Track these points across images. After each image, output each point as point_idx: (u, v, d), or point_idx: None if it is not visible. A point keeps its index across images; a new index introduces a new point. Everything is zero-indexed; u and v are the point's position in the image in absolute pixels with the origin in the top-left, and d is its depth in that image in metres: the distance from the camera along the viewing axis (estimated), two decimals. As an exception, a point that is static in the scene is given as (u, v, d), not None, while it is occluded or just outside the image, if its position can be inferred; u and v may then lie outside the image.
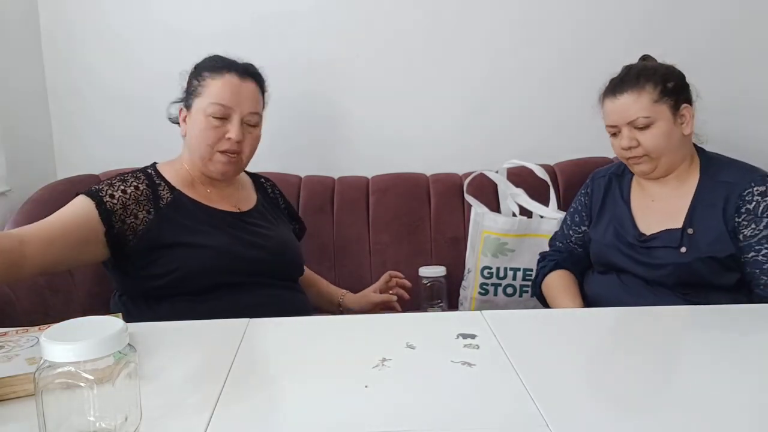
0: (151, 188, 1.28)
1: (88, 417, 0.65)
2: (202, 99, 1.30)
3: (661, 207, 1.41)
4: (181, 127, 1.35)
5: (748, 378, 0.82)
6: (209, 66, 1.34)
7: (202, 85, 1.32)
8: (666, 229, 1.36)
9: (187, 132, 1.33)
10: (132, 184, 1.27)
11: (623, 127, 1.37)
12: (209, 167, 1.32)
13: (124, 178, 1.28)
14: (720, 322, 1.07)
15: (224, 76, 1.31)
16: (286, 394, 0.79)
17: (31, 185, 1.72)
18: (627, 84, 1.37)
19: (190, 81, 1.35)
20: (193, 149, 1.33)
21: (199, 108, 1.30)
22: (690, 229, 1.34)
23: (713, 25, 1.94)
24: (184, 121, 1.34)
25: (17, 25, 1.76)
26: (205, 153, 1.30)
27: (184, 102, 1.35)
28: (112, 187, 1.24)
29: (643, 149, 1.36)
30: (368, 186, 1.86)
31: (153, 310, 1.24)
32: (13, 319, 1.24)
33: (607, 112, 1.42)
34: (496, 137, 1.95)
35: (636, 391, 0.79)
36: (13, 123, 1.70)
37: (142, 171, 1.33)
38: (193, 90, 1.33)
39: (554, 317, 1.12)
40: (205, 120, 1.29)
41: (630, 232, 1.41)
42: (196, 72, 1.35)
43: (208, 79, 1.32)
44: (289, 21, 1.87)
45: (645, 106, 1.35)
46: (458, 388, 0.80)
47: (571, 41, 1.92)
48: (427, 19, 1.90)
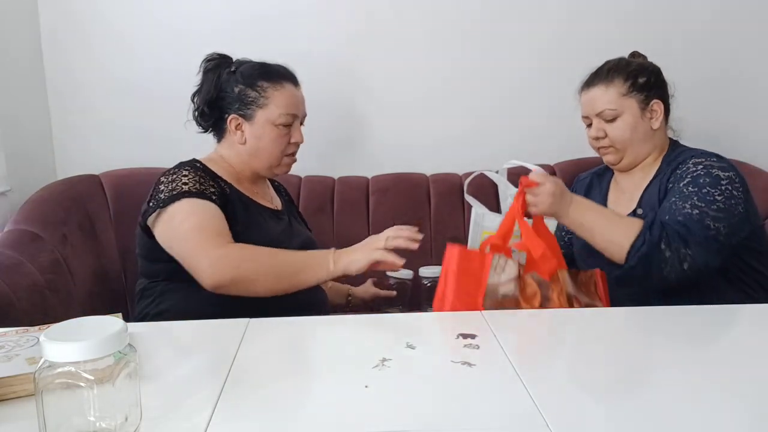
0: (212, 179, 1.32)
1: (88, 417, 0.64)
2: (269, 110, 1.37)
3: (628, 197, 1.47)
4: (235, 135, 1.39)
5: (751, 378, 0.82)
6: (263, 75, 1.38)
7: (265, 97, 1.37)
8: (627, 214, 1.40)
9: (248, 140, 1.38)
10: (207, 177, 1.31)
11: (593, 118, 1.45)
12: (275, 171, 1.42)
13: (198, 174, 1.31)
14: (721, 321, 1.07)
15: (284, 86, 1.39)
16: (286, 394, 0.79)
17: (31, 185, 1.72)
18: (598, 77, 1.45)
19: (244, 91, 1.37)
20: (260, 156, 1.39)
21: (267, 119, 1.37)
22: (639, 209, 1.41)
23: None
24: (238, 129, 1.38)
25: (17, 25, 1.76)
26: (275, 160, 1.40)
27: (237, 111, 1.37)
28: (202, 184, 1.28)
29: (609, 140, 1.44)
30: (368, 186, 1.86)
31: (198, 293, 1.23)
32: (13, 319, 1.24)
33: (581, 104, 1.50)
34: (496, 137, 1.95)
35: (636, 391, 0.79)
36: (13, 123, 1.70)
37: (191, 165, 1.34)
38: (253, 101, 1.37)
39: (554, 317, 1.12)
40: (276, 130, 1.37)
41: None
42: (249, 81, 1.37)
43: (270, 90, 1.37)
44: (290, 20, 1.87)
45: (612, 99, 1.42)
46: (458, 388, 0.80)
47: (571, 41, 1.92)
48: (428, 19, 1.90)
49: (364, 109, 1.94)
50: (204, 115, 1.41)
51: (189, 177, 1.29)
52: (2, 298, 1.26)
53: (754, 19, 1.94)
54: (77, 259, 1.58)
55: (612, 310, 1.20)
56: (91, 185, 1.76)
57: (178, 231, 1.25)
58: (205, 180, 1.30)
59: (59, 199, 1.67)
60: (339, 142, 1.95)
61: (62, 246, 1.56)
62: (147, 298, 1.34)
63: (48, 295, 1.41)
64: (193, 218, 1.24)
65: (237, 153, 1.40)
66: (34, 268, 1.41)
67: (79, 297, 1.54)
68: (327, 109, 1.92)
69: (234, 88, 1.38)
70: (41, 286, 1.40)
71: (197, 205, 1.25)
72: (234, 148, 1.41)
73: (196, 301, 1.23)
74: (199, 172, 1.32)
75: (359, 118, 1.94)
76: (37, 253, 1.47)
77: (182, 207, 1.25)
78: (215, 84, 1.39)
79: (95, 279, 1.63)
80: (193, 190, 1.26)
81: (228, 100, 1.39)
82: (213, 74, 1.40)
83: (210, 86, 1.39)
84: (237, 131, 1.39)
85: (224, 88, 1.39)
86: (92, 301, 1.58)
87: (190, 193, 1.25)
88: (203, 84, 1.41)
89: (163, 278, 1.33)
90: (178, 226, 1.24)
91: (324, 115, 1.92)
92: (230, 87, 1.39)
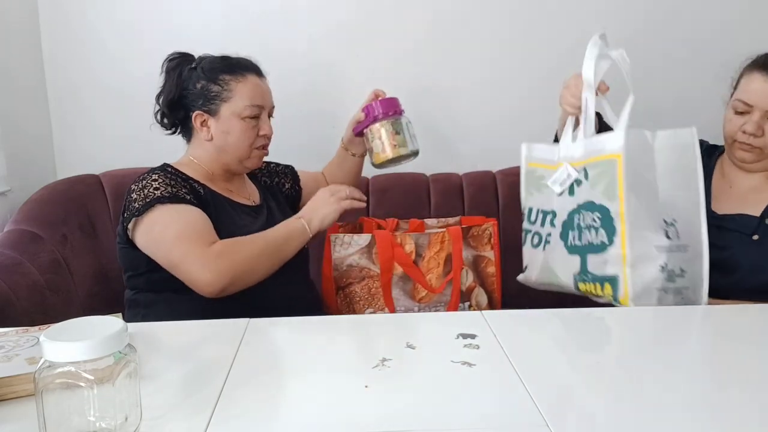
0: (184, 182, 1.31)
1: (88, 417, 0.65)
2: (234, 103, 1.34)
3: (738, 194, 1.36)
4: (201, 132, 1.36)
5: (753, 378, 0.82)
6: (225, 68, 1.35)
7: (228, 90, 1.34)
8: (741, 213, 1.32)
9: (215, 136, 1.35)
10: (178, 180, 1.30)
11: (757, 111, 1.28)
12: (245, 164, 1.39)
13: (169, 177, 1.29)
14: (721, 321, 1.07)
15: (248, 77, 1.36)
16: (286, 394, 0.79)
17: (31, 185, 1.72)
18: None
19: (207, 86, 1.34)
20: (229, 151, 1.36)
21: (233, 112, 1.34)
22: (767, 219, 1.29)
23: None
24: (204, 125, 1.36)
25: (17, 25, 1.76)
26: (245, 153, 1.37)
27: (201, 107, 1.35)
28: (174, 187, 1.26)
29: (763, 141, 1.29)
30: (368, 186, 1.86)
31: (178, 302, 1.24)
32: (13, 319, 1.24)
33: (750, 88, 1.30)
34: (496, 137, 1.95)
35: (636, 391, 0.79)
36: (13, 123, 1.70)
37: (162, 170, 1.33)
38: (216, 95, 1.34)
39: (554, 317, 1.12)
40: (242, 123, 1.34)
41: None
42: (211, 76, 1.34)
43: (233, 82, 1.34)
44: (290, 20, 1.87)
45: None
46: (458, 388, 0.80)
47: (570, 41, 1.92)
48: (428, 19, 1.90)
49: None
50: (165, 115, 1.39)
51: (159, 182, 1.26)
52: (2, 298, 1.26)
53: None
54: (77, 259, 1.58)
55: (612, 310, 1.20)
56: (91, 185, 1.76)
57: (160, 242, 1.23)
58: (176, 182, 1.28)
59: (59, 199, 1.67)
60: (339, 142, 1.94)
61: (62, 246, 1.56)
62: (133, 308, 1.33)
63: (48, 295, 1.41)
64: (172, 226, 1.21)
65: (206, 151, 1.38)
66: (34, 268, 1.41)
67: (79, 297, 1.54)
68: (326, 109, 1.92)
69: (196, 84, 1.35)
70: (41, 286, 1.40)
71: (173, 211, 1.23)
72: (202, 147, 1.38)
73: (181, 311, 1.17)
74: (168, 175, 1.29)
75: (359, 118, 1.94)
76: (37, 253, 1.47)
77: (159, 215, 1.23)
78: (176, 83, 1.36)
79: (95, 279, 1.63)
80: (165, 195, 1.24)
81: (191, 97, 1.35)
82: (174, 73, 1.37)
83: (172, 85, 1.37)
84: (203, 128, 1.35)
85: (186, 85, 1.36)
86: (92, 301, 1.58)
87: (162, 198, 1.23)
88: (165, 84, 1.39)
89: (147, 289, 1.31)
90: (160, 237, 1.22)
91: (324, 115, 1.92)
92: (192, 84, 1.35)
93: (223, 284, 1.17)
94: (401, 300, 1.35)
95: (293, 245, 1.27)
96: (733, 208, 1.34)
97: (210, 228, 1.24)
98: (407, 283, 1.35)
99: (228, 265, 1.18)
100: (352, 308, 1.37)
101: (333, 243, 1.36)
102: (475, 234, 1.41)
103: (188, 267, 1.19)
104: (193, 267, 1.18)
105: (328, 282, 1.38)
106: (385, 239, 1.33)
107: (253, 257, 1.21)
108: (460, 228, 1.38)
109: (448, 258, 1.36)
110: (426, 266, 1.35)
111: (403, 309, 1.35)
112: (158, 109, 1.40)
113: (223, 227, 1.28)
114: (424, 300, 1.35)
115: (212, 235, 1.23)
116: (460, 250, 1.36)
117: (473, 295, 1.41)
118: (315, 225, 1.28)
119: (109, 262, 1.69)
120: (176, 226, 1.21)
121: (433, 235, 1.36)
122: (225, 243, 1.21)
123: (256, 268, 1.22)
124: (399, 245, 1.34)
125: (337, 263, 1.36)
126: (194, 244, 1.19)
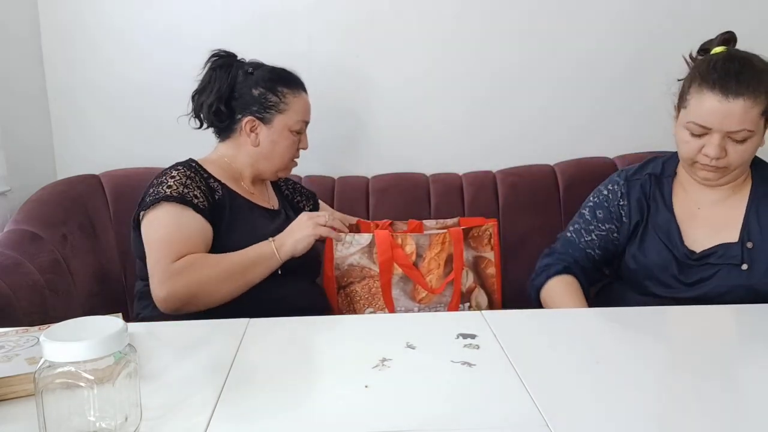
0: (204, 181, 1.32)
1: (88, 417, 0.65)
2: (288, 116, 1.39)
3: (708, 216, 1.26)
4: (248, 137, 1.39)
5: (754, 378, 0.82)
6: (283, 81, 1.40)
7: (285, 103, 1.39)
8: (721, 244, 1.22)
9: (263, 143, 1.39)
10: (196, 179, 1.30)
11: (716, 133, 1.17)
12: (278, 174, 1.45)
13: (188, 175, 1.30)
14: (723, 321, 1.07)
15: (301, 94, 1.42)
16: (286, 394, 0.79)
17: (31, 185, 1.72)
18: (744, 86, 1.14)
19: (265, 95, 1.37)
20: (272, 160, 1.41)
21: (285, 125, 1.39)
22: (749, 243, 1.21)
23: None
24: (253, 131, 1.39)
25: (17, 25, 1.76)
26: (284, 164, 1.43)
27: (255, 113, 1.38)
28: (187, 187, 1.27)
29: (726, 161, 1.18)
30: (368, 186, 1.86)
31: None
32: (13, 319, 1.24)
33: (704, 110, 1.18)
34: (496, 137, 1.95)
35: (636, 391, 0.79)
36: (13, 123, 1.70)
37: (187, 165, 1.34)
38: (273, 105, 1.38)
39: (554, 317, 1.12)
40: (291, 136, 1.40)
41: (679, 249, 1.25)
42: (270, 86, 1.38)
43: (290, 96, 1.40)
44: (290, 20, 1.87)
45: (754, 119, 1.15)
46: (458, 388, 0.80)
47: (570, 42, 1.92)
48: (428, 19, 1.90)
49: (364, 109, 1.94)
50: (220, 113, 1.39)
51: (175, 179, 1.27)
52: (2, 298, 1.26)
53: None
54: (77, 259, 1.58)
55: (612, 310, 1.20)
56: (91, 185, 1.76)
57: (149, 240, 1.24)
58: (192, 182, 1.28)
59: (59, 199, 1.67)
60: (339, 142, 1.95)
61: (62, 246, 1.56)
62: (143, 300, 1.34)
63: (48, 295, 1.41)
64: (162, 230, 1.22)
65: (246, 154, 1.40)
66: (34, 268, 1.41)
67: (79, 297, 1.54)
68: (327, 109, 1.92)
69: (253, 90, 1.38)
70: (41, 286, 1.40)
71: (173, 214, 1.23)
72: (243, 149, 1.40)
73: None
74: (189, 173, 1.30)
75: (359, 119, 1.94)
76: (37, 253, 1.47)
77: (161, 214, 1.24)
78: (228, 82, 1.38)
79: (95, 279, 1.63)
80: (174, 194, 1.24)
81: (244, 101, 1.38)
82: (223, 72, 1.39)
83: (223, 84, 1.38)
84: (251, 133, 1.39)
85: (240, 88, 1.39)
86: (92, 301, 1.58)
87: (170, 197, 1.24)
88: (213, 81, 1.39)
89: None
90: (150, 235, 1.24)
91: (324, 115, 1.92)
92: (248, 88, 1.38)
93: (175, 305, 1.17)
94: (401, 300, 1.35)
95: (260, 269, 1.23)
96: (709, 238, 1.24)
97: (197, 239, 1.23)
98: (407, 284, 1.35)
99: (183, 285, 1.16)
100: (353, 307, 1.37)
101: (335, 242, 1.36)
102: (475, 235, 1.42)
103: (151, 278, 1.20)
104: (154, 279, 1.20)
105: (329, 281, 1.38)
106: (385, 240, 1.33)
107: (213, 279, 1.19)
108: (462, 229, 1.38)
109: (448, 259, 1.36)
110: (426, 267, 1.35)
111: (403, 309, 1.35)
112: (209, 105, 1.39)
113: (238, 227, 1.30)
114: (424, 301, 1.35)
115: (190, 247, 1.21)
116: (461, 252, 1.36)
117: (473, 296, 1.41)
118: (286, 249, 1.24)
119: (109, 262, 1.69)
120: (165, 230, 1.22)
121: (434, 236, 1.36)
122: (189, 261, 1.19)
123: (216, 290, 1.19)
124: (399, 246, 1.34)
125: (338, 262, 1.36)
126: (163, 256, 1.19)
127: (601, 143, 1.92)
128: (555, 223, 1.78)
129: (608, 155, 1.90)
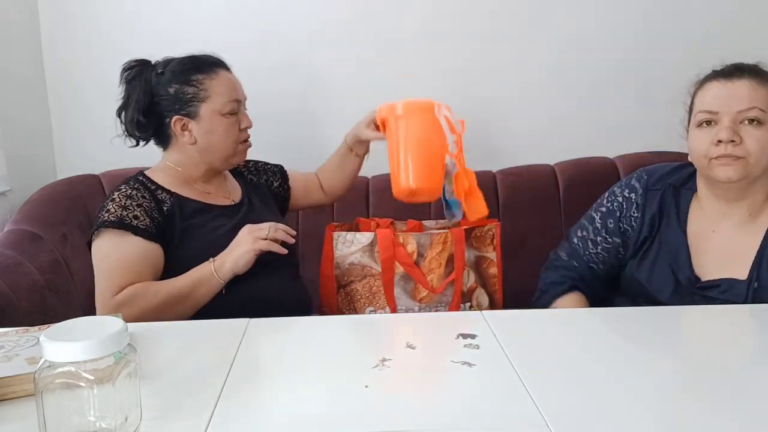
0: (151, 195, 1.29)
1: (88, 417, 0.65)
2: (212, 101, 1.32)
3: (721, 244, 1.20)
4: (182, 137, 1.33)
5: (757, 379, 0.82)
6: (195, 68, 1.33)
7: (203, 89, 1.31)
8: (728, 278, 1.17)
9: (198, 138, 1.33)
10: (138, 196, 1.28)
11: (725, 116, 1.15)
12: (231, 161, 1.38)
13: (128, 194, 1.28)
14: (726, 321, 1.07)
15: (219, 73, 1.34)
16: (286, 394, 0.79)
17: (31, 185, 1.72)
18: (746, 71, 1.17)
19: (181, 89, 1.32)
20: (215, 150, 1.34)
21: (213, 111, 1.32)
22: (756, 283, 1.15)
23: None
24: (185, 129, 1.33)
25: (17, 25, 1.76)
26: (231, 150, 1.35)
27: (178, 112, 1.32)
28: (126, 209, 1.25)
29: (743, 149, 1.13)
30: (368, 186, 1.86)
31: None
32: (13, 319, 1.24)
33: (708, 97, 1.18)
34: (495, 137, 1.95)
35: (636, 391, 0.79)
36: (13, 123, 1.70)
37: (134, 180, 1.33)
38: (192, 97, 1.31)
39: (554, 317, 1.12)
40: (225, 119, 1.33)
41: (684, 272, 1.20)
42: (183, 78, 1.32)
43: (206, 81, 1.32)
44: (289, 21, 1.87)
45: (762, 98, 1.14)
46: (458, 388, 0.80)
47: (570, 43, 1.92)
48: (427, 19, 1.90)
49: (364, 109, 1.94)
50: (141, 125, 1.34)
51: (115, 202, 1.26)
52: (2, 298, 1.26)
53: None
54: (77, 259, 1.58)
55: (612, 310, 1.20)
56: (91, 185, 1.76)
57: (95, 269, 1.25)
58: (133, 201, 1.26)
59: (59, 199, 1.67)
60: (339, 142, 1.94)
61: (62, 246, 1.56)
62: None
63: (48, 295, 1.41)
64: (104, 262, 1.23)
65: (188, 155, 1.35)
66: (34, 268, 1.41)
67: (79, 297, 1.54)
68: (326, 109, 1.92)
69: (169, 89, 1.32)
70: (41, 286, 1.40)
71: (111, 243, 1.23)
72: (184, 151, 1.35)
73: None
74: (130, 191, 1.28)
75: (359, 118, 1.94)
76: (37, 253, 1.47)
77: (100, 243, 1.24)
78: (144, 90, 1.33)
79: (95, 279, 1.63)
80: (112, 219, 1.23)
81: (164, 103, 1.32)
82: (138, 82, 1.34)
83: (140, 94, 1.33)
84: (184, 132, 1.33)
85: (156, 92, 1.33)
86: (92, 301, 1.58)
87: (109, 223, 1.23)
88: (130, 94, 1.35)
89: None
90: (96, 265, 1.24)
91: (323, 115, 1.92)
92: (163, 89, 1.32)
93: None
94: (402, 299, 1.35)
95: (202, 291, 1.22)
96: (719, 268, 1.19)
97: (140, 266, 1.22)
98: (409, 283, 1.35)
99: (125, 318, 1.16)
100: (353, 306, 1.37)
101: (335, 241, 1.36)
102: (477, 235, 1.42)
103: (96, 308, 1.22)
104: (98, 311, 1.21)
105: (328, 280, 1.37)
106: (387, 238, 1.33)
107: (154, 309, 1.19)
108: (463, 229, 1.38)
109: (450, 258, 1.36)
110: (427, 266, 1.35)
111: (403, 309, 1.35)
112: (129, 120, 1.35)
113: (194, 232, 1.29)
114: (425, 300, 1.35)
115: (132, 277, 1.21)
116: (462, 251, 1.36)
117: (474, 296, 1.41)
118: (226, 268, 1.22)
119: (109, 262, 1.69)
120: (105, 261, 1.23)
121: (436, 236, 1.36)
122: (129, 294, 1.19)
123: (160, 318, 1.18)
124: (401, 245, 1.34)
125: (338, 261, 1.36)
126: (104, 289, 1.21)
127: (601, 143, 1.92)
128: (555, 223, 1.78)
129: (608, 155, 1.90)
